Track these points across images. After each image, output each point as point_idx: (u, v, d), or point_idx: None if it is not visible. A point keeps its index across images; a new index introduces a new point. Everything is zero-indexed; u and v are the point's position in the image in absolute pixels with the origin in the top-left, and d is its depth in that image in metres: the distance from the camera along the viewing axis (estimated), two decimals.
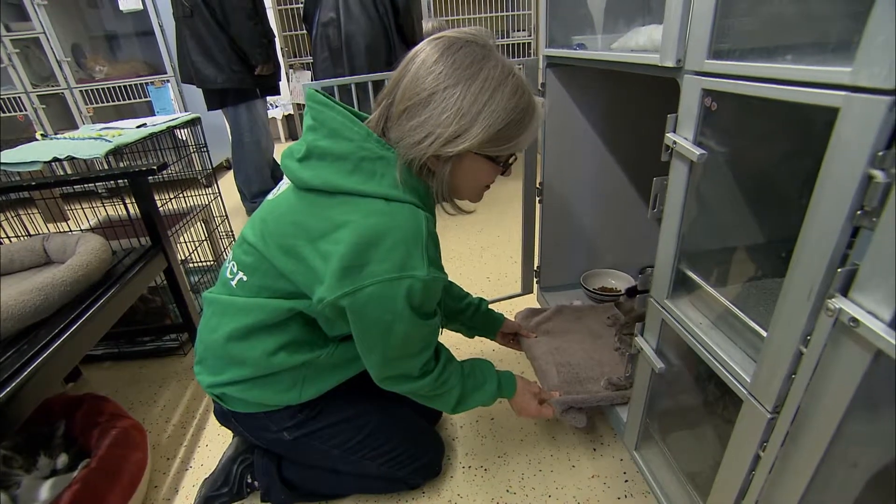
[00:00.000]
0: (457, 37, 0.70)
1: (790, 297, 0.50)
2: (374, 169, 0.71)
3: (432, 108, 0.68)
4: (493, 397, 0.94)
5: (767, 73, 0.49)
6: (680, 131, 0.67)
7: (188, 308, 1.40)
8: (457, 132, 0.67)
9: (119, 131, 1.54)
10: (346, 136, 0.71)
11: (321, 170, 0.72)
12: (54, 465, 0.99)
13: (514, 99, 0.69)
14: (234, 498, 0.99)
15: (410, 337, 0.76)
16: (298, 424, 0.90)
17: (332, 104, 0.73)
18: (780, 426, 0.53)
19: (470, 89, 0.67)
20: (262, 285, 0.78)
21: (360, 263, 0.68)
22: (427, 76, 0.68)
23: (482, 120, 0.67)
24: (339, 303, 0.70)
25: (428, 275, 0.70)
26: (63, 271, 1.01)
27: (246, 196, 2.76)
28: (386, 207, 0.70)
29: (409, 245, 0.69)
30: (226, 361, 0.85)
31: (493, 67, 0.68)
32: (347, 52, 2.18)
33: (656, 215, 0.76)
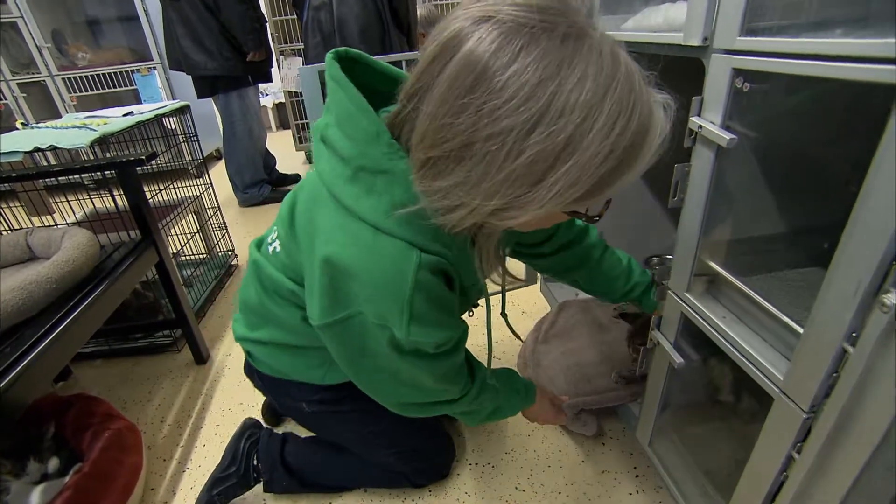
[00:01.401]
0: (519, 22, 0.40)
1: (834, 292, 0.47)
2: (372, 184, 0.53)
3: (468, 170, 0.43)
4: (518, 411, 0.89)
5: (814, 48, 0.45)
6: (706, 115, 0.63)
7: (181, 303, 1.35)
8: (509, 205, 0.44)
9: (104, 120, 1.47)
10: (349, 133, 0.54)
11: (330, 164, 0.57)
12: (45, 469, 0.95)
13: (609, 140, 0.40)
14: (240, 480, 0.96)
15: (415, 376, 0.65)
16: (320, 401, 0.88)
17: (345, 81, 0.55)
18: (819, 427, 0.50)
19: (531, 138, 0.40)
20: (287, 264, 0.71)
21: (341, 296, 0.57)
22: (460, 111, 0.41)
23: (549, 185, 0.41)
24: (326, 330, 0.61)
25: (408, 335, 0.55)
26: (48, 268, 0.96)
27: (238, 186, 2.70)
28: (371, 241, 0.53)
29: (387, 298, 0.55)
30: (261, 318, 0.82)
31: (576, 84, 0.39)
32: (340, 37, 2.11)
33: (676, 203, 0.72)
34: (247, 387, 1.34)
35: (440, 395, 0.71)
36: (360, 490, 1.02)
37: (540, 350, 1.16)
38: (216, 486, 0.95)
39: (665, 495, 0.96)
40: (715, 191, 0.66)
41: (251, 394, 1.31)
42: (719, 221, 0.69)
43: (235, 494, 0.97)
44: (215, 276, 1.88)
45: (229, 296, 1.84)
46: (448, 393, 0.70)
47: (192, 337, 1.41)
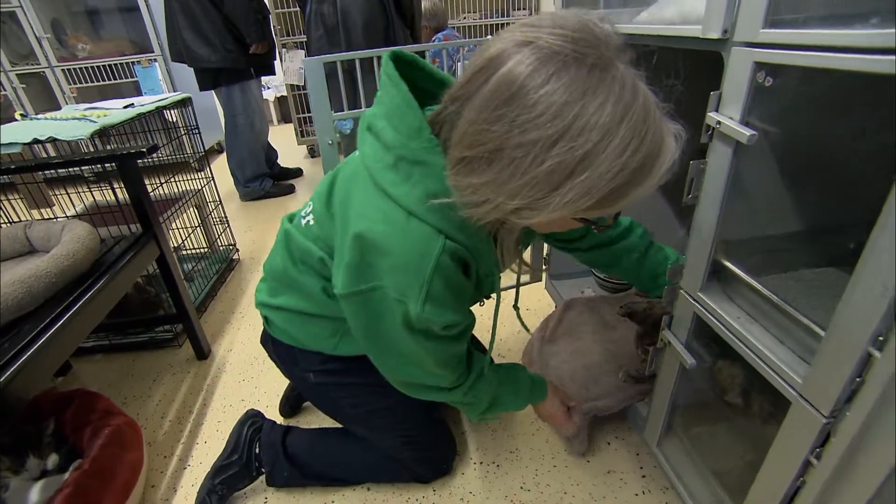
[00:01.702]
0: (553, 50, 0.45)
1: (859, 294, 0.45)
2: (409, 173, 0.59)
3: (496, 171, 0.48)
4: (523, 405, 0.89)
5: (846, 41, 0.44)
6: (724, 110, 0.61)
7: (182, 298, 1.34)
8: (525, 205, 0.49)
9: (104, 112, 1.46)
10: (395, 125, 0.60)
11: (373, 150, 0.63)
12: (44, 465, 0.94)
13: (621, 159, 0.45)
14: (243, 469, 0.97)
15: (421, 355, 0.69)
16: (326, 371, 0.90)
17: (399, 82, 0.61)
18: (841, 433, 0.49)
19: (553, 150, 0.45)
20: (320, 236, 0.75)
21: (367, 269, 0.63)
22: (495, 120, 0.47)
23: (564, 192, 0.47)
24: (351, 300, 0.66)
25: (422, 312, 0.61)
26: (47, 262, 0.94)
27: (239, 180, 2.68)
28: (404, 223, 0.60)
29: (409, 274, 0.61)
30: (283, 285, 0.85)
31: (597, 109, 0.44)
32: (344, 30, 2.08)
33: (691, 201, 0.71)
34: (248, 382, 1.33)
35: (439, 380, 0.75)
36: (363, 489, 1.01)
37: (547, 350, 1.14)
38: (219, 475, 0.95)
39: (672, 496, 0.95)
40: (731, 188, 0.64)
41: (253, 389, 1.30)
42: (735, 220, 0.67)
43: (237, 484, 0.97)
44: (216, 270, 1.87)
45: (230, 290, 1.83)
46: (446, 379, 0.75)
47: (193, 332, 1.40)
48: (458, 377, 0.76)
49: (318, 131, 1.22)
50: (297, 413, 1.21)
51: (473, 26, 3.62)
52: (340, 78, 1.26)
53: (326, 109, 1.18)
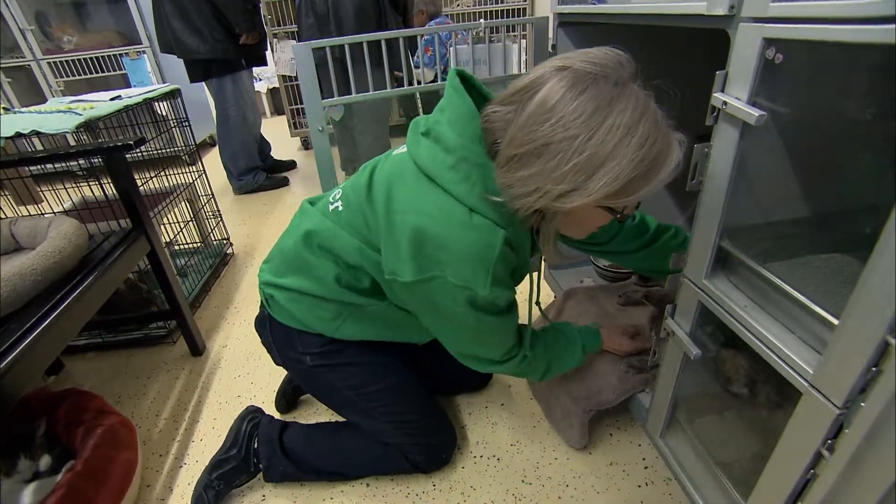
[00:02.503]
0: (585, 71, 0.59)
1: (875, 281, 0.43)
2: (469, 173, 0.68)
3: (544, 162, 0.59)
4: (580, 360, 0.96)
5: (862, 11, 0.41)
6: (730, 90, 0.59)
7: (175, 294, 1.31)
8: (570, 188, 0.59)
9: (91, 104, 1.42)
10: (460, 131, 0.69)
11: (431, 153, 0.70)
12: (36, 467, 0.92)
13: (642, 150, 0.58)
14: (240, 465, 0.96)
15: (481, 331, 0.77)
16: (323, 354, 0.91)
17: (463, 91, 0.70)
18: (856, 425, 0.47)
19: (590, 142, 0.57)
20: (352, 222, 0.80)
21: (433, 258, 0.69)
22: (542, 123, 0.59)
23: (600, 176, 0.58)
24: (413, 287, 0.72)
25: (490, 293, 0.70)
26: (33, 259, 0.92)
27: (232, 173, 2.65)
28: (467, 218, 0.68)
29: (475, 264, 0.69)
30: (292, 266, 0.88)
31: (621, 112, 0.57)
32: (335, 18, 2.04)
33: (695, 186, 0.68)
34: (244, 378, 1.31)
35: (494, 351, 0.83)
36: (362, 484, 1.00)
37: None
38: (216, 469, 0.95)
39: (675, 487, 0.94)
40: (737, 172, 0.62)
41: (249, 385, 1.28)
42: (740, 205, 0.65)
43: (235, 480, 0.96)
44: (210, 265, 1.84)
45: (224, 286, 1.81)
46: (500, 351, 0.83)
47: (187, 328, 1.37)
48: (511, 348, 0.83)
49: (308, 118, 1.19)
50: (294, 408, 1.19)
51: (467, 13, 3.57)
52: (330, 65, 1.22)
53: (317, 96, 1.15)
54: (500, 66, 1.44)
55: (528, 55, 1.42)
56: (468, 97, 0.70)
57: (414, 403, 0.96)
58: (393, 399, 0.94)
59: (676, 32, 0.72)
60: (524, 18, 0.97)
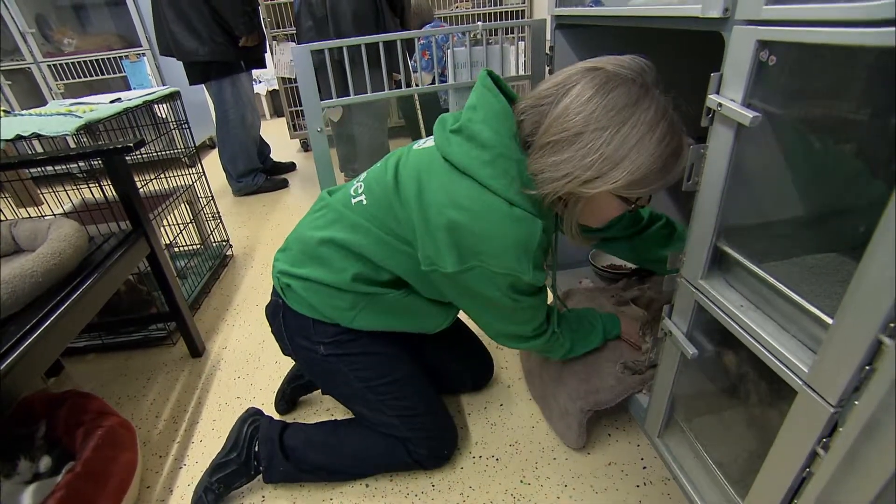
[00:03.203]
0: (615, 73, 0.66)
1: (868, 280, 0.44)
2: (507, 169, 0.72)
3: (576, 149, 0.66)
4: (600, 342, 1.02)
5: (853, 14, 0.41)
6: (725, 92, 0.59)
7: (175, 295, 1.31)
8: (596, 175, 0.66)
9: (91, 107, 1.42)
10: (495, 128, 0.73)
11: (464, 149, 0.73)
12: (36, 468, 0.92)
13: (660, 146, 0.65)
14: (241, 468, 0.96)
15: (516, 310, 0.82)
16: (336, 343, 0.92)
17: (497, 91, 0.75)
18: (850, 424, 0.47)
19: (618, 134, 0.64)
20: (378, 216, 0.83)
21: (473, 249, 0.73)
22: (577, 115, 0.65)
23: (624, 166, 0.65)
24: (454, 277, 0.76)
25: (533, 278, 0.75)
26: (33, 261, 0.92)
27: (232, 175, 2.65)
28: (508, 211, 0.72)
29: (518, 252, 0.73)
30: (310, 257, 0.90)
31: (645, 110, 0.64)
32: (333, 22, 2.05)
33: (691, 187, 0.69)
34: (244, 380, 1.32)
35: (526, 328, 0.88)
36: (361, 485, 1.00)
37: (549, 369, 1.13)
38: (216, 472, 0.95)
39: (673, 487, 0.94)
40: (733, 173, 0.62)
41: (248, 387, 1.29)
42: (736, 205, 0.66)
43: (235, 482, 0.96)
44: (210, 266, 1.84)
45: (224, 287, 1.81)
46: (531, 327, 0.88)
47: (186, 330, 1.38)
48: (541, 324, 0.89)
49: (307, 119, 1.20)
50: (294, 409, 1.19)
51: (465, 15, 3.58)
52: (329, 67, 1.23)
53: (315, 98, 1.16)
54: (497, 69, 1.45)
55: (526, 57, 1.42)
56: (502, 96, 0.74)
57: (421, 397, 0.97)
58: (401, 392, 0.95)
59: (672, 35, 0.72)
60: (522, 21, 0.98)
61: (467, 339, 1.18)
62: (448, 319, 0.97)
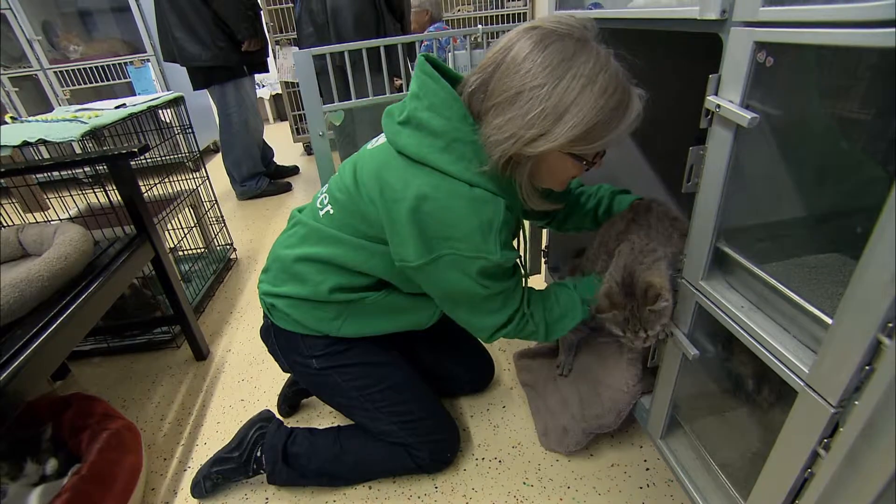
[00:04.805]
0: (552, 29, 0.67)
1: (867, 279, 0.44)
2: (464, 152, 0.72)
3: (517, 108, 0.66)
4: (581, 318, 0.92)
5: (848, 15, 0.42)
6: (723, 93, 0.60)
7: (179, 299, 1.32)
8: (539, 133, 0.66)
9: (96, 112, 1.44)
10: (444, 114, 0.73)
11: (416, 140, 0.74)
12: (43, 471, 0.93)
13: (602, 98, 0.64)
14: (240, 467, 0.98)
15: (487, 298, 0.81)
16: (328, 355, 0.93)
17: (438, 77, 0.74)
18: (850, 424, 0.47)
19: (556, 89, 0.64)
20: (347, 222, 0.83)
21: (437, 237, 0.73)
22: (515, 74, 0.66)
23: (566, 121, 0.65)
24: (423, 269, 0.76)
25: (501, 257, 0.74)
26: (39, 265, 0.93)
27: (236, 179, 2.67)
28: (469, 193, 0.72)
29: (484, 232, 0.73)
30: (288, 276, 0.90)
31: (583, 63, 0.64)
32: (334, 27, 2.06)
33: (691, 188, 0.69)
34: (248, 382, 1.32)
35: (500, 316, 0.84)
36: (364, 487, 1.00)
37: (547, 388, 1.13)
38: (217, 465, 0.98)
39: (676, 488, 0.94)
40: (732, 174, 0.62)
41: (252, 389, 1.29)
42: (736, 206, 0.66)
43: (233, 478, 0.99)
44: (214, 270, 1.86)
45: (228, 290, 1.82)
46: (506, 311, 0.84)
47: (191, 333, 1.38)
48: (515, 311, 0.85)
49: (309, 123, 1.20)
50: (296, 412, 1.20)
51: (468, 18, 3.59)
52: (330, 71, 1.24)
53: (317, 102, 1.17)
54: None
55: None
56: (444, 81, 0.73)
57: (419, 402, 0.97)
58: (398, 398, 0.95)
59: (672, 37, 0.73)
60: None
61: (466, 340, 1.18)
62: (439, 309, 0.95)
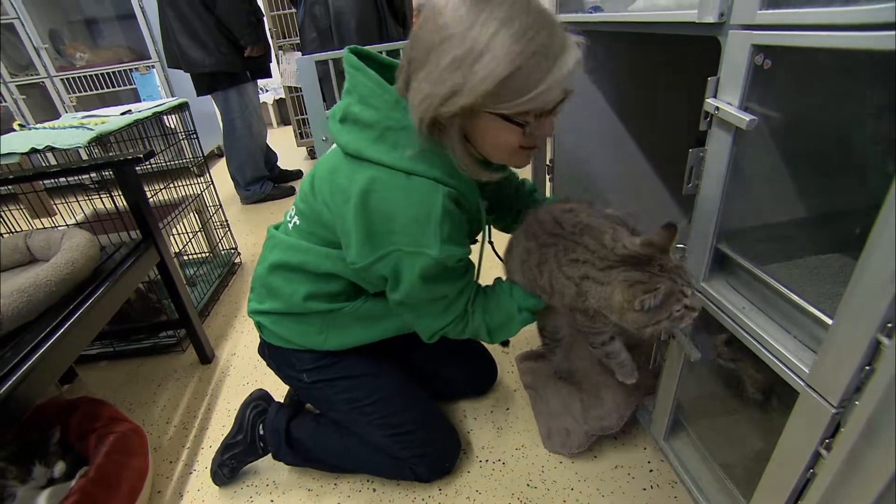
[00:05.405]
0: None
1: (866, 280, 0.44)
2: (397, 140, 0.69)
3: (430, 65, 0.60)
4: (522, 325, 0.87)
5: (845, 18, 0.42)
6: (722, 96, 0.60)
7: (184, 303, 1.33)
8: (452, 89, 0.59)
9: (102, 119, 1.46)
10: (373, 104, 0.70)
11: (353, 135, 0.71)
12: (51, 473, 0.94)
13: (520, 43, 0.56)
14: (248, 448, 1.01)
15: (430, 302, 0.78)
16: (318, 369, 0.92)
17: (365, 68, 0.71)
18: (851, 424, 0.47)
19: (466, 38, 0.57)
20: (311, 231, 0.82)
21: (381, 232, 0.70)
22: (428, 31, 0.61)
23: (476, 72, 0.57)
24: (370, 270, 0.74)
25: (440, 252, 0.69)
26: (47, 270, 0.94)
27: (240, 183, 2.68)
28: (406, 183, 0.68)
29: (421, 224, 0.69)
30: (267, 291, 0.90)
31: (497, 6, 0.57)
32: (338, 32, 2.08)
33: (691, 190, 0.69)
34: (252, 386, 1.33)
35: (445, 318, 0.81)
36: (369, 489, 1.00)
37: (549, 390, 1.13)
38: (227, 451, 1.01)
39: (680, 490, 0.94)
40: (732, 176, 0.63)
41: None
42: (736, 208, 0.66)
43: (245, 460, 1.02)
44: (218, 274, 1.87)
45: (233, 294, 1.83)
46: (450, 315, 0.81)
47: (196, 337, 1.40)
48: (461, 313, 0.82)
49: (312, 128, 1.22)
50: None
51: None
52: (333, 77, 1.25)
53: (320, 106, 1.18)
54: None
55: None
56: (370, 71, 0.70)
57: (411, 414, 0.96)
58: (389, 410, 0.94)
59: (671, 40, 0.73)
60: None
61: (465, 343, 1.18)
62: None
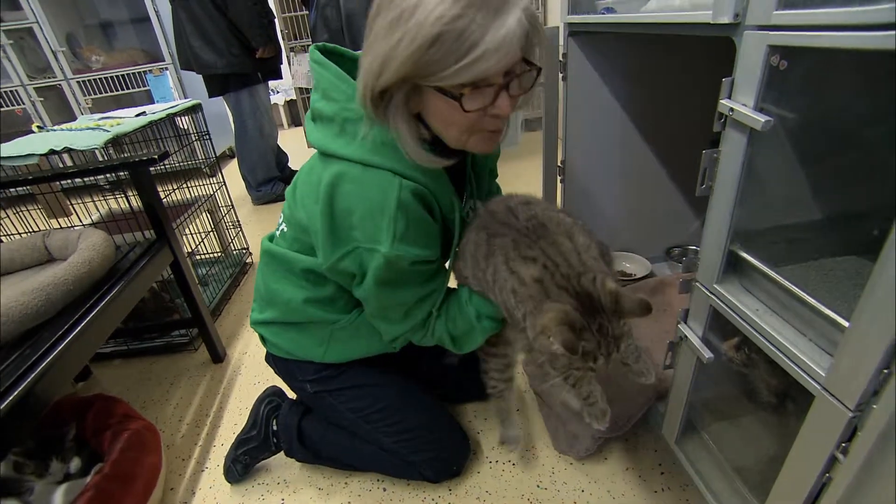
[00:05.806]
0: None
1: (884, 282, 0.43)
2: (355, 131, 0.68)
3: (370, 37, 0.61)
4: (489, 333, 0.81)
5: (863, 18, 0.42)
6: (737, 97, 0.60)
7: (197, 302, 1.35)
8: (380, 64, 0.58)
9: (118, 120, 1.48)
10: (333, 97, 0.70)
11: (320, 132, 0.72)
12: (67, 469, 0.96)
13: (442, 5, 0.54)
14: (262, 444, 1.02)
15: (388, 308, 0.77)
16: (321, 380, 0.93)
17: (327, 62, 0.71)
18: (869, 428, 0.47)
19: (391, 7, 0.57)
20: (295, 237, 0.82)
21: (342, 228, 0.69)
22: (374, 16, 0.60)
23: (399, 39, 0.56)
24: (336, 267, 0.73)
25: (391, 251, 0.67)
26: (64, 269, 0.96)
27: (251, 184, 2.71)
28: (361, 175, 0.67)
29: (375, 217, 0.67)
30: (266, 301, 0.91)
31: None
32: (349, 33, 2.09)
33: (704, 192, 0.69)
34: (264, 385, 1.34)
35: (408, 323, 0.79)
36: (379, 489, 1.01)
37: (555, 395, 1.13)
38: (241, 447, 1.02)
39: (692, 493, 0.93)
40: (746, 177, 0.62)
41: None
42: (750, 209, 0.65)
43: (259, 455, 1.02)
44: (230, 274, 1.89)
45: (245, 294, 1.85)
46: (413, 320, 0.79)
47: (208, 336, 1.41)
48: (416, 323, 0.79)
49: None
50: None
51: None
52: None
53: None
54: None
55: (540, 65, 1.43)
56: (331, 64, 0.71)
57: (417, 419, 0.96)
58: (394, 418, 0.94)
59: (685, 40, 0.73)
60: None
61: None
62: None
